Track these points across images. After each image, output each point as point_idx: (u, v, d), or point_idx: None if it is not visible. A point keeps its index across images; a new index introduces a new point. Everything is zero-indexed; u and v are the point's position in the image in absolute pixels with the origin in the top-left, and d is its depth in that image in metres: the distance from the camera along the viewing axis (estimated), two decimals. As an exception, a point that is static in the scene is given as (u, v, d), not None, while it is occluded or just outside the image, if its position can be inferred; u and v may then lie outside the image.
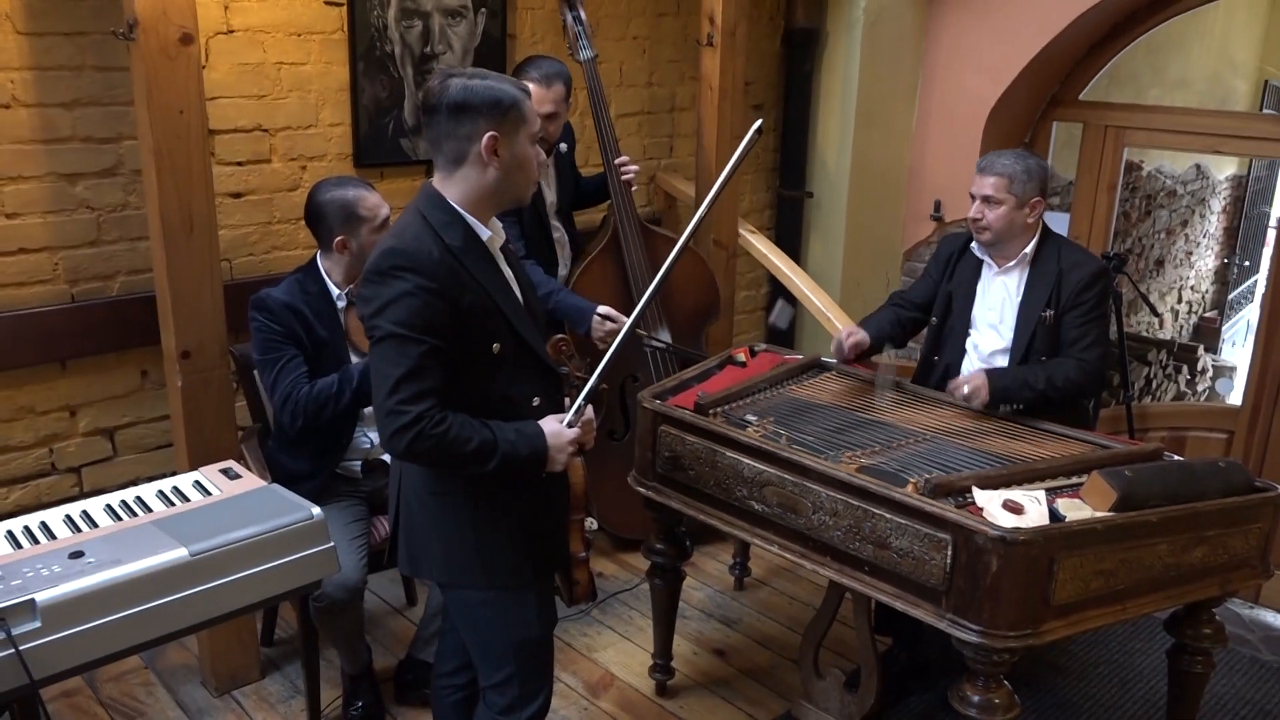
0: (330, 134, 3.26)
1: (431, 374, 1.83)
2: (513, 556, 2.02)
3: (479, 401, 1.93)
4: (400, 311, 1.82)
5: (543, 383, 2.05)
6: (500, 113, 1.88)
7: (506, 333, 1.94)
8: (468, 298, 1.88)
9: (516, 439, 1.92)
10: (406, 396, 1.81)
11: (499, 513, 2.00)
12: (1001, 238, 2.81)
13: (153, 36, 2.42)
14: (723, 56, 3.68)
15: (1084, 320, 2.77)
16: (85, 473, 3.02)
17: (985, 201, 2.78)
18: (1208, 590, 2.37)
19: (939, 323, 2.99)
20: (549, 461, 1.96)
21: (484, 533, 2.00)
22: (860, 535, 2.28)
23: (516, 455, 1.91)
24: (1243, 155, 7.69)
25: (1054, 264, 2.81)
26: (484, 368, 1.94)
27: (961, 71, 4.40)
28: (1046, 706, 3.03)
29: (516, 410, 1.98)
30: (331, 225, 2.66)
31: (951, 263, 2.99)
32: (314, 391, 2.60)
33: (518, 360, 1.98)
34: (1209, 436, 4.30)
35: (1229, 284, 8.91)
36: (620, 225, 3.46)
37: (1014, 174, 2.75)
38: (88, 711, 2.85)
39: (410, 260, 1.83)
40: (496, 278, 1.96)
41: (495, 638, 2.07)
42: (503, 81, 1.90)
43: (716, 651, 3.25)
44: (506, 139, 1.89)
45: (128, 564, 1.86)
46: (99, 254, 2.91)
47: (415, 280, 1.82)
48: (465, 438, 1.85)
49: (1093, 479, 2.26)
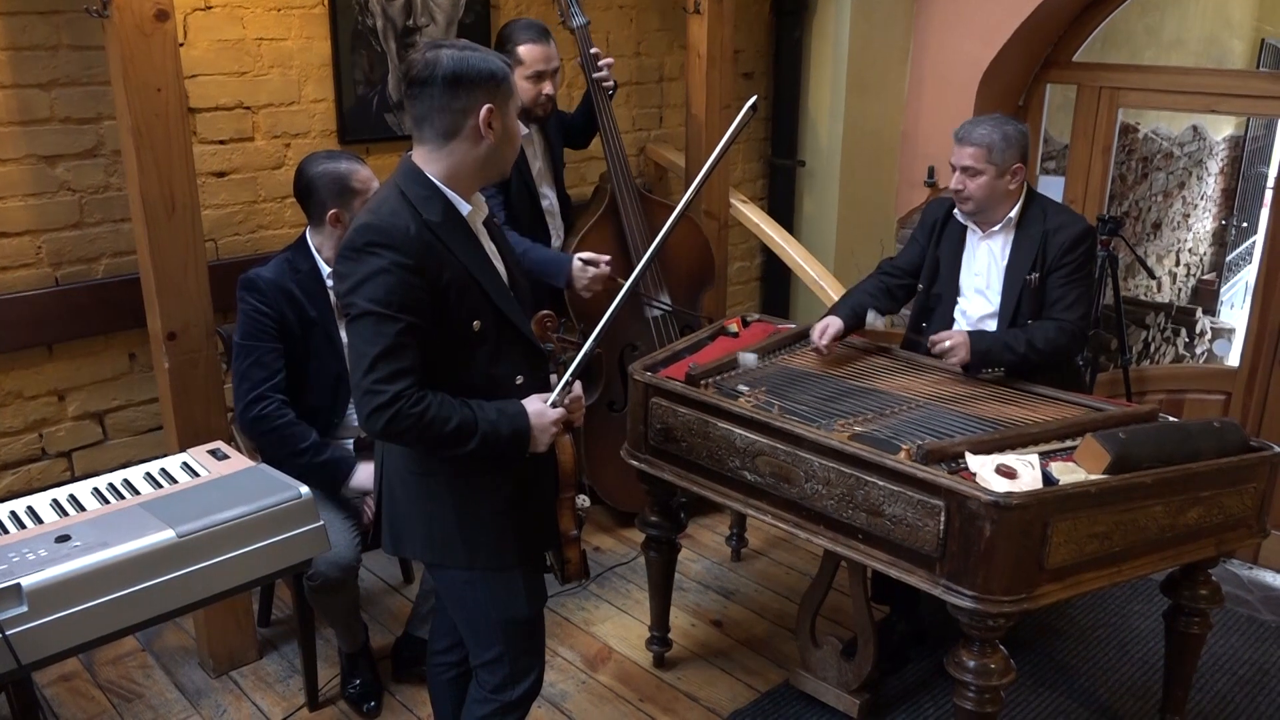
0: (314, 110, 3.22)
1: (409, 352, 1.80)
2: (497, 537, 2.00)
3: (461, 380, 1.90)
4: (376, 289, 1.78)
5: (527, 361, 2.02)
6: (495, 85, 1.85)
7: (487, 309, 1.91)
8: (446, 274, 1.84)
9: (498, 418, 1.88)
10: (383, 375, 1.78)
11: (483, 493, 1.97)
12: (983, 206, 2.78)
13: (127, 13, 2.39)
14: (710, 24, 3.63)
15: (1066, 281, 2.75)
16: (76, 457, 3.01)
17: (965, 172, 2.75)
18: (1204, 551, 2.36)
19: (925, 289, 2.97)
20: (532, 441, 1.93)
21: (468, 513, 1.98)
22: (853, 503, 2.27)
23: (498, 435, 1.88)
24: (1239, 114, 7.62)
25: (1039, 226, 2.79)
26: (465, 345, 1.91)
27: (953, 35, 4.34)
28: (1044, 670, 3.03)
29: (500, 389, 1.95)
30: (324, 199, 2.62)
31: (937, 228, 2.96)
32: (292, 428, 2.60)
33: (500, 337, 1.94)
34: (1207, 398, 4.28)
35: (1227, 246, 8.87)
36: (618, 192, 3.43)
37: (992, 143, 2.70)
38: (85, 694, 2.85)
39: (385, 236, 1.79)
40: (477, 253, 1.92)
41: (482, 617, 2.06)
42: (490, 54, 1.88)
43: (714, 623, 3.25)
44: (500, 111, 1.87)
45: (114, 547, 1.85)
46: (82, 236, 2.89)
47: (391, 257, 1.78)
48: (444, 417, 1.82)
49: (1086, 442, 2.24)
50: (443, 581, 2.10)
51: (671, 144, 4.23)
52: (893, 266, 3.06)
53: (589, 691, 2.91)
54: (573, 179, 3.84)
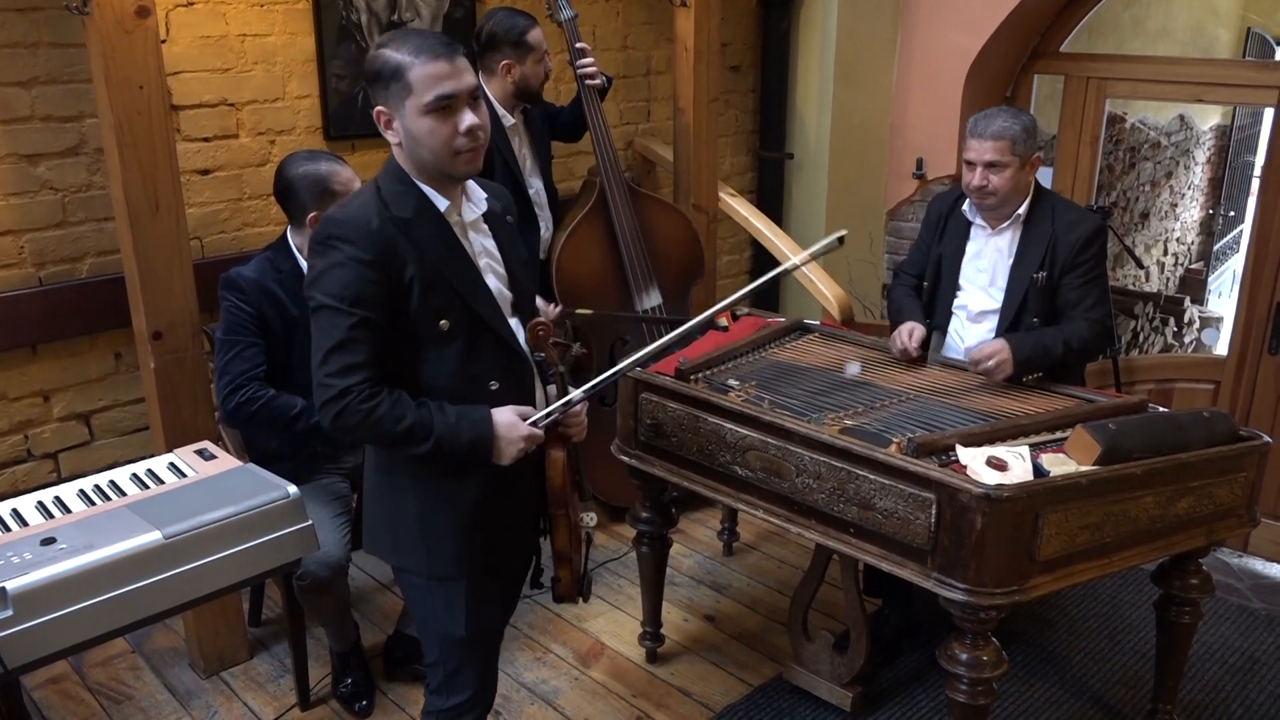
0: (298, 107, 3.20)
1: (361, 347, 1.77)
2: (457, 547, 1.94)
3: (428, 379, 1.86)
4: (332, 283, 1.76)
5: (504, 365, 1.93)
6: (382, 85, 1.77)
7: (458, 309, 1.84)
8: (410, 270, 1.79)
9: (457, 423, 1.82)
10: (335, 369, 1.76)
11: (445, 500, 1.92)
12: (1006, 200, 2.75)
13: (108, 10, 2.36)
14: (697, 17, 3.61)
15: (1085, 280, 2.74)
16: (62, 458, 2.98)
17: (990, 167, 2.69)
18: (1194, 541, 2.36)
19: (930, 286, 2.95)
20: (495, 452, 1.85)
21: (428, 519, 1.93)
22: (844, 497, 2.26)
23: (455, 440, 1.82)
24: (1225, 104, 7.64)
25: (1048, 224, 2.76)
26: (432, 345, 1.85)
27: (941, 26, 4.33)
28: (1036, 661, 3.04)
29: (473, 392, 1.88)
30: (304, 201, 2.61)
31: (942, 223, 2.94)
32: (275, 401, 2.56)
33: (473, 339, 1.87)
34: (1196, 387, 4.29)
35: (1214, 235, 8.89)
36: (607, 186, 3.42)
37: (1015, 134, 2.67)
38: (75, 697, 2.83)
39: (344, 230, 1.77)
40: (450, 251, 1.86)
41: (426, 625, 2.04)
42: (401, 47, 1.75)
43: (707, 617, 3.24)
44: (393, 113, 1.79)
45: (100, 549, 1.84)
46: (65, 236, 2.86)
47: (349, 251, 1.76)
48: (397, 416, 1.78)
49: (1076, 433, 2.24)
50: (402, 582, 2.08)
51: (659, 138, 4.21)
52: (909, 272, 3.05)
53: (581, 687, 2.90)
54: (560, 173, 3.82)
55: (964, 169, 2.78)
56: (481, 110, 1.82)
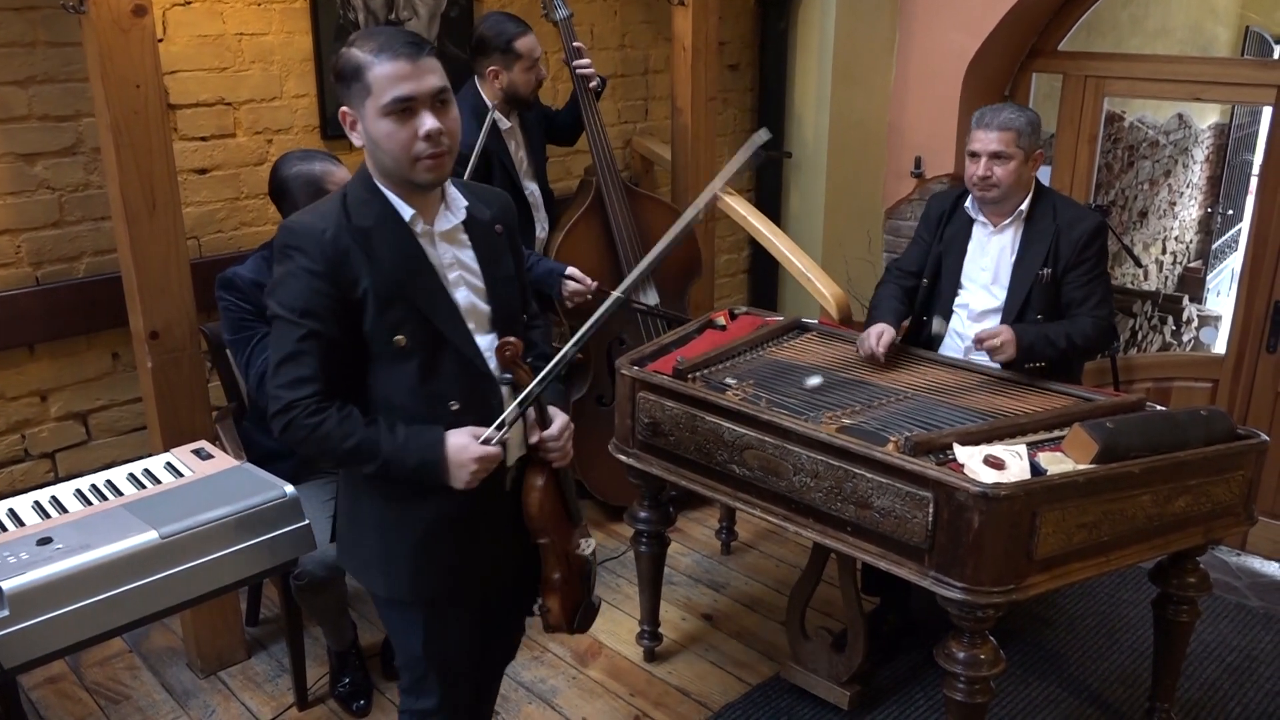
0: (296, 106, 3.20)
1: (309, 360, 1.71)
2: (413, 571, 1.87)
3: (386, 396, 1.79)
4: (284, 292, 1.71)
5: (467, 385, 1.81)
6: (344, 85, 1.70)
7: (416, 324, 1.75)
8: (363, 283, 1.71)
9: (405, 444, 1.73)
10: (283, 382, 1.71)
11: (404, 520, 1.85)
12: (1008, 194, 2.75)
13: (104, 9, 2.36)
14: (695, 16, 3.61)
15: (1089, 278, 2.75)
16: (60, 458, 2.98)
17: (994, 158, 2.70)
18: (1191, 539, 2.36)
19: (929, 284, 2.95)
20: (447, 476, 1.75)
21: (388, 538, 1.88)
22: (842, 496, 2.26)
23: (402, 463, 1.74)
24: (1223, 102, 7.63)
25: (1050, 220, 2.76)
26: (389, 361, 1.77)
27: (939, 25, 4.33)
28: (1034, 659, 3.04)
29: (432, 411, 1.79)
30: (298, 200, 2.60)
31: (942, 222, 2.94)
32: None
33: (432, 356, 1.78)
34: (1194, 386, 4.29)
35: (1212, 233, 8.89)
36: (603, 186, 3.42)
37: (1020, 127, 2.69)
38: (72, 697, 2.83)
39: (297, 239, 1.71)
40: (413, 263, 1.75)
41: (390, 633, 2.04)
42: (364, 45, 1.68)
43: (705, 616, 3.24)
44: (356, 113, 1.71)
45: (97, 549, 1.84)
46: (62, 235, 2.85)
47: (300, 260, 1.70)
48: (344, 434, 1.71)
49: (1074, 431, 2.24)
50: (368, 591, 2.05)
51: (657, 137, 4.21)
52: (902, 269, 3.03)
53: (579, 687, 2.90)
54: (557, 173, 3.82)
55: (967, 160, 2.78)
56: (449, 115, 1.72)
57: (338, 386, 1.75)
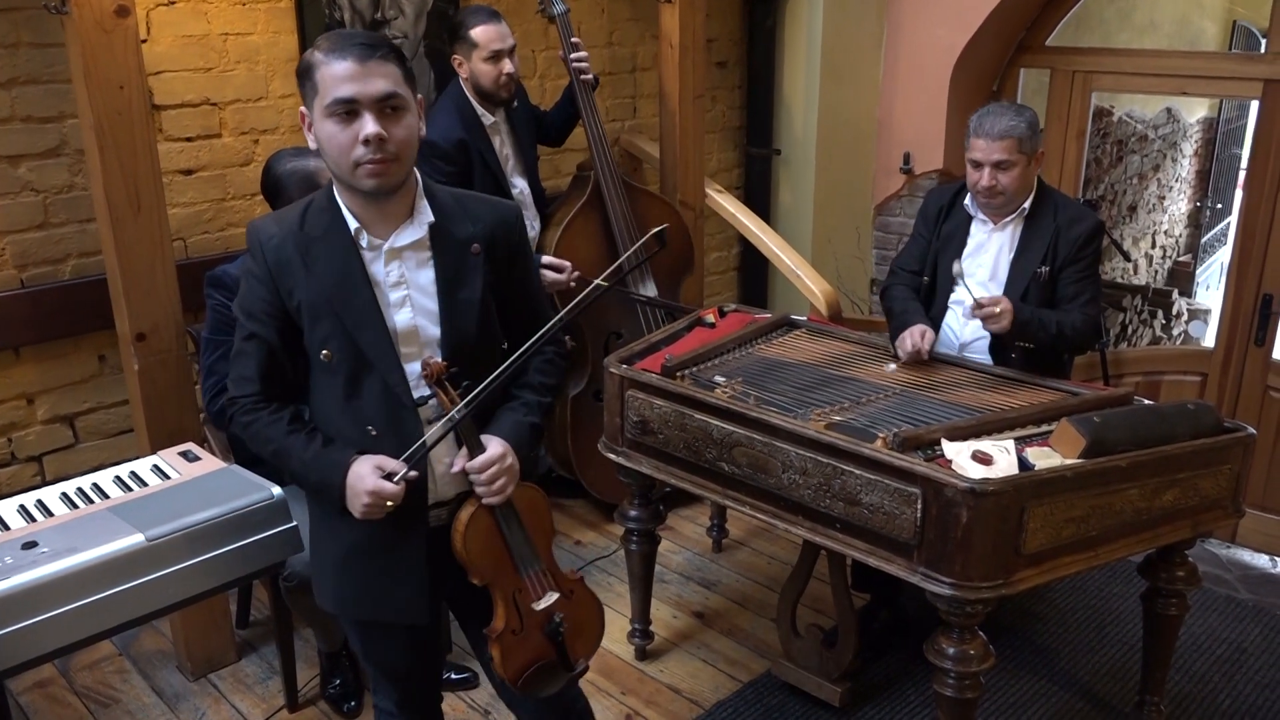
0: (282, 106, 3.18)
1: (249, 360, 1.74)
2: (335, 585, 1.87)
3: (318, 408, 1.79)
4: (240, 291, 1.77)
5: (386, 411, 1.74)
6: (300, 84, 1.66)
7: (343, 341, 1.70)
8: (298, 294, 1.69)
9: (311, 461, 1.72)
10: (232, 376, 1.79)
11: (330, 536, 1.86)
12: (1015, 199, 2.75)
13: (87, 9, 2.35)
14: (682, 13, 3.61)
15: (1082, 276, 2.75)
16: (47, 461, 2.97)
17: (998, 167, 2.68)
18: (1179, 533, 2.36)
19: (930, 281, 2.93)
20: (344, 502, 1.71)
21: (317, 551, 1.91)
22: (830, 493, 2.26)
23: (305, 480, 1.75)
24: (1210, 96, 7.65)
25: (1050, 219, 2.76)
26: (319, 373, 1.76)
27: (926, 21, 4.33)
28: (1025, 654, 3.04)
29: (354, 432, 1.75)
30: (292, 197, 2.58)
31: (940, 218, 2.93)
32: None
33: (355, 376, 1.73)
34: (1183, 379, 4.30)
35: (1202, 227, 8.92)
36: (603, 179, 3.41)
37: (1021, 133, 2.66)
38: (62, 701, 2.82)
39: (250, 241, 1.74)
40: (346, 278, 1.69)
41: None
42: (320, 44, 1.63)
43: (696, 614, 3.24)
44: (311, 113, 1.66)
45: (82, 552, 1.83)
46: (48, 237, 2.84)
47: (249, 263, 1.74)
48: (266, 437, 1.75)
49: (1061, 426, 2.25)
50: None
51: (646, 134, 4.21)
52: (907, 267, 3.00)
53: (571, 686, 2.90)
54: (547, 171, 3.81)
55: (969, 169, 2.76)
56: (399, 121, 1.62)
57: (277, 389, 1.78)
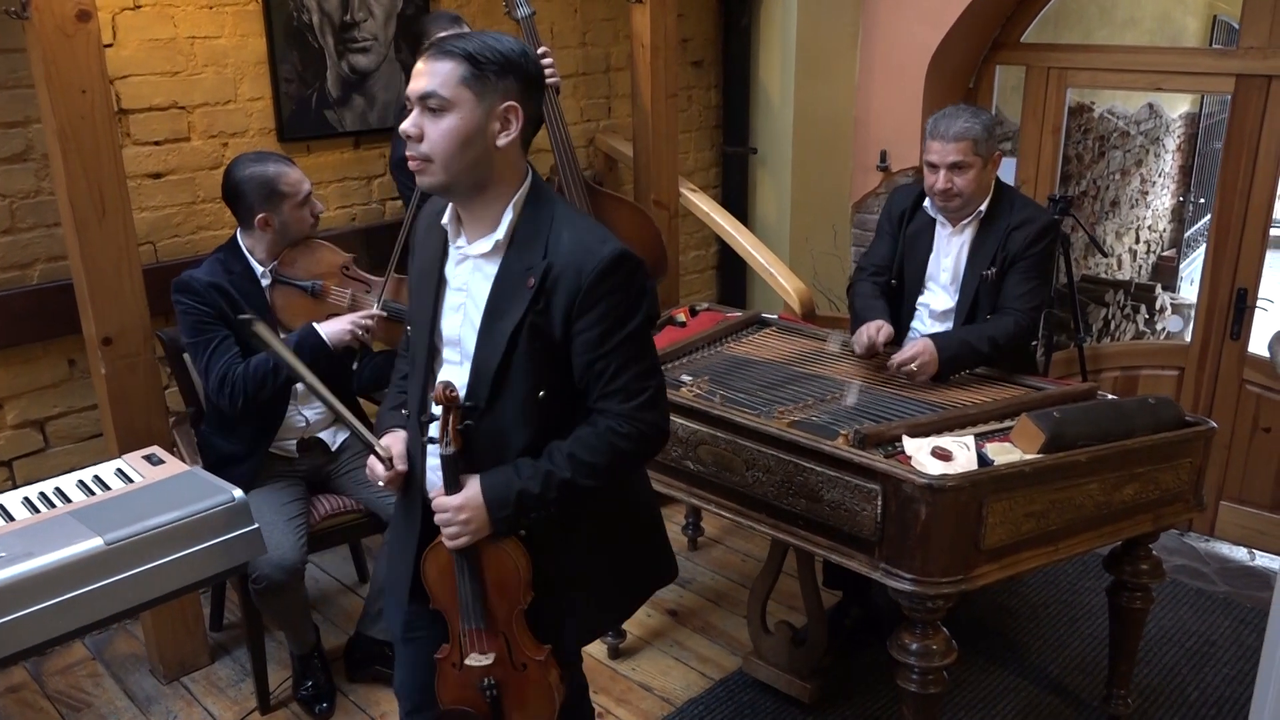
0: (251, 109, 3.18)
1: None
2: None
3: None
4: None
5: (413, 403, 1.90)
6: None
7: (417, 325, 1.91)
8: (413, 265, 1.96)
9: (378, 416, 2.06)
10: None
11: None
12: (971, 201, 2.73)
13: (48, 14, 2.35)
14: (654, 13, 3.61)
15: (1026, 274, 2.71)
16: (17, 465, 2.96)
17: (954, 169, 2.66)
18: (1141, 526, 2.38)
19: (898, 284, 2.92)
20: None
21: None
22: (793, 490, 2.27)
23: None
24: (1185, 91, 7.66)
25: (1004, 220, 2.73)
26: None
27: (901, 18, 4.34)
28: (996, 648, 3.05)
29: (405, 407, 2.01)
30: (252, 203, 2.60)
31: (905, 220, 2.91)
32: (250, 369, 2.55)
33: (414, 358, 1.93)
34: (1160, 374, 4.32)
35: (1185, 222, 8.94)
36: (564, 186, 3.41)
37: (977, 134, 2.64)
38: (34, 705, 2.82)
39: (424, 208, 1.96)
40: (430, 268, 1.83)
41: None
42: None
43: (670, 612, 3.25)
44: None
45: (40, 556, 1.83)
46: (14, 242, 2.84)
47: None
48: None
49: (1021, 422, 2.26)
50: None
51: (621, 134, 4.21)
52: (874, 266, 2.97)
53: (544, 685, 2.90)
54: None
55: (925, 171, 2.74)
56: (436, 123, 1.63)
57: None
